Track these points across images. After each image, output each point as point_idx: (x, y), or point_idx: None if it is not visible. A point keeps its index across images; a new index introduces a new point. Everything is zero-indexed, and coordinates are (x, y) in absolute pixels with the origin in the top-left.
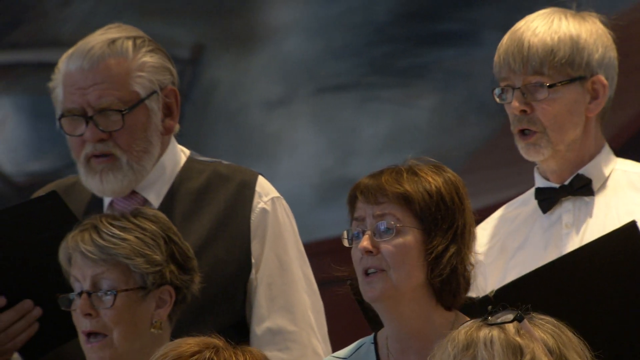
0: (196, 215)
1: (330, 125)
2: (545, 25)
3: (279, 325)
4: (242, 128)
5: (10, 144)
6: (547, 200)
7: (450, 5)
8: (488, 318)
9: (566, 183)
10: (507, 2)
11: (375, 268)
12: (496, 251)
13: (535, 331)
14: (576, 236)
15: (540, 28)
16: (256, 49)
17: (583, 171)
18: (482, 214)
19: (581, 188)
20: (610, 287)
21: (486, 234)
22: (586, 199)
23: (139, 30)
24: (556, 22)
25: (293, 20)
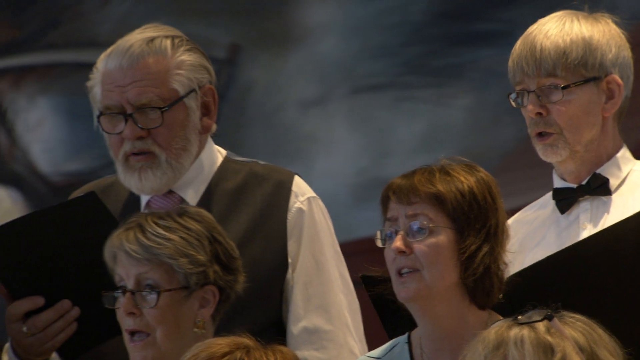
0: (233, 215)
1: (365, 125)
2: (557, 27)
3: (316, 324)
4: (278, 128)
5: (47, 145)
6: (565, 200)
7: (486, 5)
8: (518, 317)
9: (583, 183)
10: (542, 1)
11: (408, 268)
12: (514, 252)
13: (565, 329)
14: None
15: (552, 30)
16: (292, 49)
17: (600, 171)
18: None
19: (598, 187)
20: (626, 273)
21: None
22: (604, 199)
23: (176, 30)
24: (568, 24)
25: (329, 20)
